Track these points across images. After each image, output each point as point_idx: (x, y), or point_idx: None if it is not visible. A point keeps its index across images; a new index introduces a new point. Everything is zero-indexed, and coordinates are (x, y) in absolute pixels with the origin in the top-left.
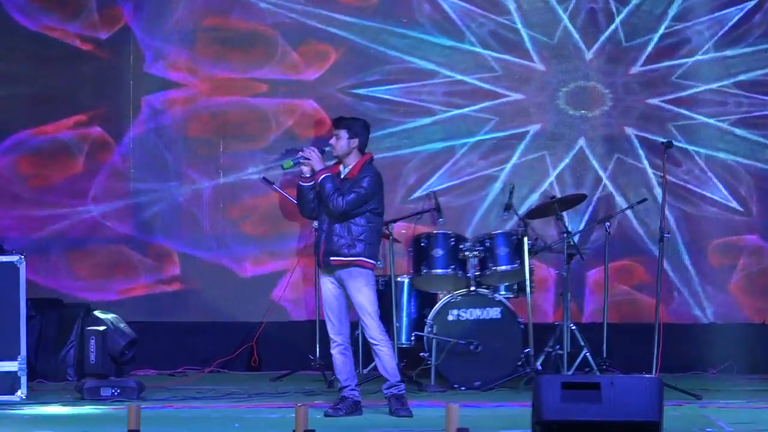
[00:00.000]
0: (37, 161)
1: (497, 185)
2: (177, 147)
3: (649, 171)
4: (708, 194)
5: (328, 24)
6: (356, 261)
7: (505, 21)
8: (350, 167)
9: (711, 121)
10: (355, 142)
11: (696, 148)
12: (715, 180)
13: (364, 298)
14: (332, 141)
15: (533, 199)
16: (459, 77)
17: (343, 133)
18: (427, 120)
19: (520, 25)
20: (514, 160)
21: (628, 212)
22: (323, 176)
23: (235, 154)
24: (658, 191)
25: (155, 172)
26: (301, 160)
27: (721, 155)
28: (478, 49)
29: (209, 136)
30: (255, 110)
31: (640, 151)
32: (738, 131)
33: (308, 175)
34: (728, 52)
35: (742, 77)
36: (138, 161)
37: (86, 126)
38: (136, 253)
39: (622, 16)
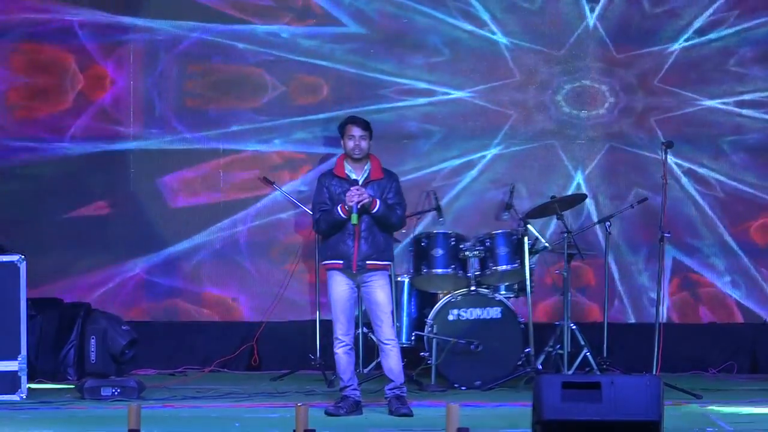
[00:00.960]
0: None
1: (473, 172)
2: (169, 96)
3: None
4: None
5: (313, 56)
6: (387, 266)
7: (504, 22)
8: (369, 167)
9: (715, 104)
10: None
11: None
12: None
13: (386, 296)
14: (352, 143)
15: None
16: (454, 94)
17: (367, 135)
18: (424, 111)
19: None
20: (494, 152)
21: (593, 217)
22: (379, 204)
23: (226, 111)
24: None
25: (144, 119)
26: (358, 206)
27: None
28: (479, 42)
29: (201, 90)
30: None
31: (642, 151)
32: (745, 111)
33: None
34: (713, 35)
35: (746, 97)
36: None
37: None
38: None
39: (620, 15)
